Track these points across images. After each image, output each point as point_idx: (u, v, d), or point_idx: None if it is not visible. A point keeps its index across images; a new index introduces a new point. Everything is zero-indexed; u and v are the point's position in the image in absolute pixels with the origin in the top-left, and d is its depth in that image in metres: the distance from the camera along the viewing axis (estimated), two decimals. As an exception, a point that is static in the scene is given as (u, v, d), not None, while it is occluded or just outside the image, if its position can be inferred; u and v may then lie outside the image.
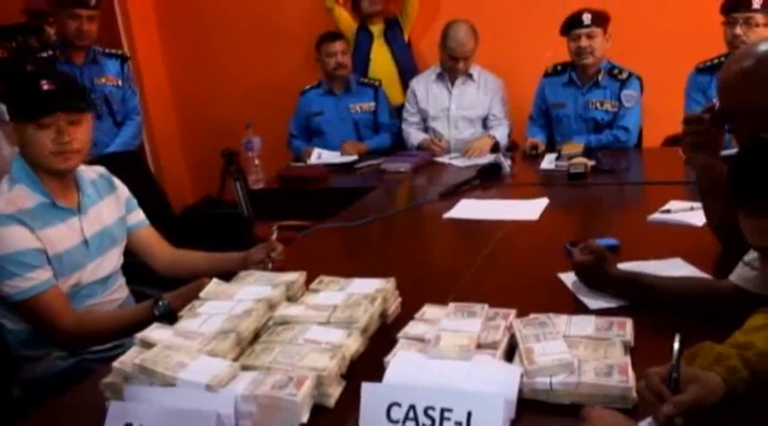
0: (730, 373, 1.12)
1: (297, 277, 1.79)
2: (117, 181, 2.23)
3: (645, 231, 2.29)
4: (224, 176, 3.63)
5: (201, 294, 1.73)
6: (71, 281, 1.98)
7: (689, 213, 2.36)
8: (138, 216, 2.27)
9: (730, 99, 1.62)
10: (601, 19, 3.69)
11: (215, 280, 1.80)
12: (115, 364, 1.38)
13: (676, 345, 1.11)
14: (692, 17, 4.01)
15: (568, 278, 1.85)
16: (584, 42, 3.69)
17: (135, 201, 2.27)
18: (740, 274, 1.51)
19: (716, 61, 3.56)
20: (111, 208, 2.16)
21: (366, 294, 1.66)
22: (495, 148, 3.92)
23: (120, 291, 2.18)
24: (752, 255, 1.47)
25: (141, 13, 5.46)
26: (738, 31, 3.32)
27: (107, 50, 4.10)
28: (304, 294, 1.75)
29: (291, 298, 1.73)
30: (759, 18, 3.30)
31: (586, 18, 3.66)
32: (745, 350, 1.16)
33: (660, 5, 4.43)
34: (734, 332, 1.24)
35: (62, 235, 1.96)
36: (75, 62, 3.90)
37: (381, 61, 4.81)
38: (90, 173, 2.14)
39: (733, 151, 1.55)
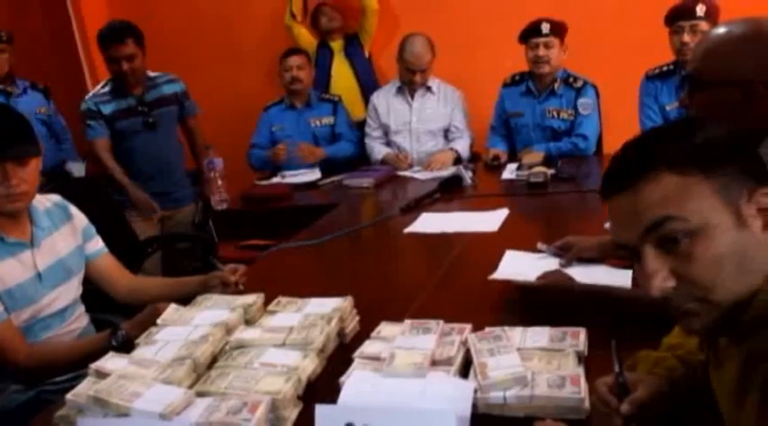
0: (670, 372, 1.18)
1: (254, 299, 1.79)
2: (73, 210, 2.17)
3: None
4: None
5: (159, 320, 1.72)
6: (24, 316, 1.93)
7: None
8: (97, 244, 2.21)
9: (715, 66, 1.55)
10: (559, 29, 3.74)
11: (172, 306, 1.80)
12: (68, 396, 1.37)
13: (614, 353, 1.17)
14: (643, 25, 4.06)
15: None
16: (541, 51, 3.73)
17: (93, 229, 2.21)
18: None
19: (664, 68, 3.65)
20: (66, 238, 2.10)
21: (323, 314, 1.66)
22: (458, 161, 3.95)
23: (78, 321, 2.13)
24: None
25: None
26: (686, 38, 3.40)
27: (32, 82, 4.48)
28: (262, 316, 1.75)
29: (249, 321, 1.74)
30: (703, 25, 3.37)
31: (545, 27, 3.71)
32: (677, 349, 1.22)
33: (613, 15, 4.50)
34: (662, 339, 1.28)
35: (12, 270, 1.91)
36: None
37: (342, 77, 4.82)
38: (44, 202, 2.08)
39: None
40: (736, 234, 0.91)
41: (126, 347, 1.71)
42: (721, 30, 1.55)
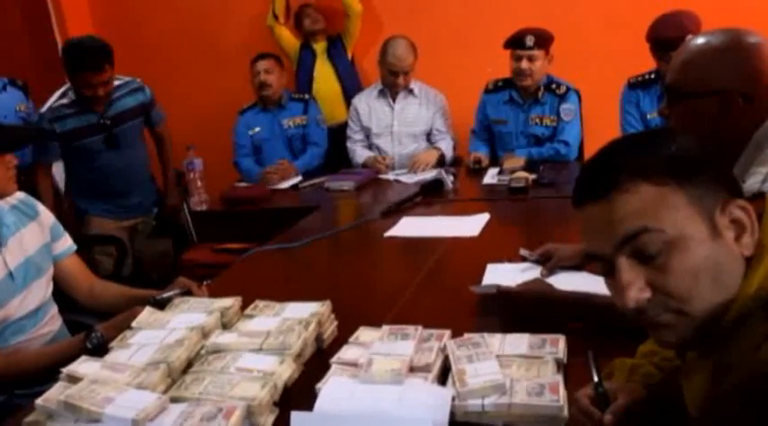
0: (646, 378, 1.19)
1: (232, 302, 1.77)
2: (40, 207, 2.12)
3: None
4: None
5: (134, 323, 1.70)
6: None
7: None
8: (65, 242, 2.17)
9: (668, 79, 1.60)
10: (543, 40, 3.72)
11: (148, 309, 1.77)
12: (38, 401, 1.34)
13: (592, 363, 1.16)
14: (627, 33, 4.07)
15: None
16: (524, 64, 3.73)
17: (60, 227, 2.17)
18: None
19: (646, 76, 3.66)
20: (34, 234, 2.05)
21: (300, 319, 1.64)
22: (441, 161, 3.94)
23: (51, 323, 2.08)
24: None
25: (80, 34, 5.38)
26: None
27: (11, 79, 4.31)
28: (239, 320, 1.73)
29: (226, 325, 1.72)
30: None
31: (529, 40, 3.69)
32: (653, 357, 1.22)
33: (596, 21, 4.52)
34: (638, 346, 1.27)
35: None
36: None
37: (325, 79, 4.80)
38: (9, 200, 2.03)
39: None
40: (712, 245, 0.90)
41: (101, 350, 1.68)
42: (699, 40, 1.55)
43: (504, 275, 2.03)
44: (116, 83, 3.49)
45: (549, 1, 4.55)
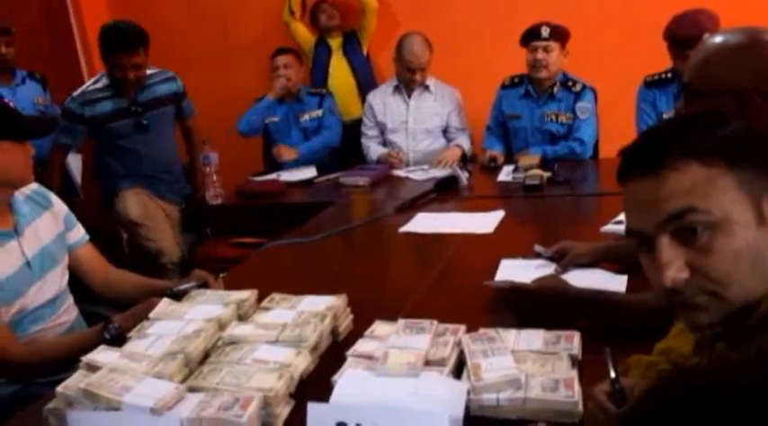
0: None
1: (248, 295, 1.78)
2: (53, 197, 2.15)
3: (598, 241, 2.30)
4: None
5: (151, 314, 1.71)
6: (14, 309, 1.90)
7: (641, 223, 2.40)
8: (79, 232, 2.19)
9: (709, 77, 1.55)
10: (559, 33, 3.72)
11: (165, 300, 1.79)
12: (59, 389, 1.36)
13: (609, 360, 1.15)
14: (642, 31, 4.05)
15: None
16: (540, 55, 3.72)
17: (73, 217, 2.19)
18: None
19: (663, 76, 3.63)
20: (48, 224, 2.07)
21: (316, 312, 1.66)
22: (463, 158, 3.95)
23: (68, 313, 2.11)
24: None
25: (97, 29, 5.41)
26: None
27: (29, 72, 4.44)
28: (255, 312, 1.75)
29: (242, 317, 1.73)
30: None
31: (545, 31, 3.69)
32: (670, 354, 1.20)
33: (611, 19, 4.50)
34: (655, 343, 1.27)
35: (2, 261, 1.89)
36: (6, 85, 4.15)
37: (340, 75, 4.81)
38: (23, 191, 2.05)
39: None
40: (756, 232, 0.90)
41: (119, 340, 1.70)
42: (717, 39, 1.55)
43: (518, 271, 2.03)
44: (149, 72, 3.61)
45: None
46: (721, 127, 0.94)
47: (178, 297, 1.87)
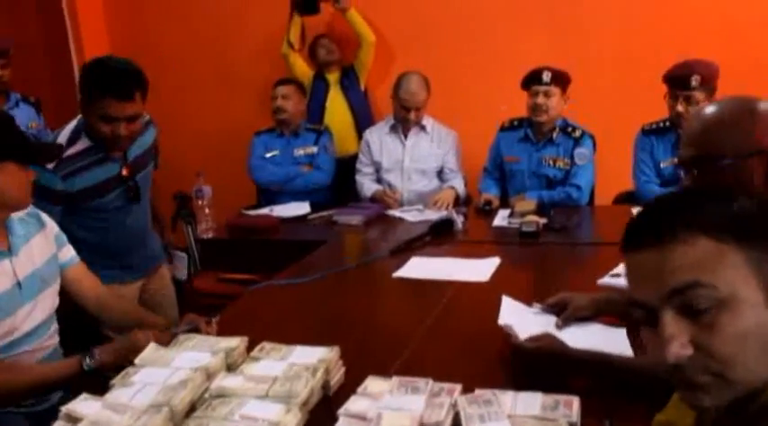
0: None
1: (237, 343, 1.74)
2: (45, 217, 2.12)
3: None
4: (175, 221, 3.53)
5: (137, 360, 1.66)
6: (3, 329, 1.86)
7: (638, 277, 2.38)
8: (69, 251, 2.17)
9: (684, 152, 1.63)
10: (560, 79, 3.72)
11: (152, 345, 1.74)
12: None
13: None
14: (641, 77, 4.07)
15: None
16: (540, 99, 3.71)
17: (64, 237, 2.16)
18: None
19: (661, 124, 3.65)
20: (41, 246, 2.04)
21: (308, 364, 1.61)
22: (457, 200, 3.93)
23: (53, 337, 2.07)
24: None
25: (97, 54, 5.39)
26: (680, 108, 3.42)
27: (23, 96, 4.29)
28: (245, 361, 1.70)
29: (231, 366, 1.68)
30: (698, 95, 3.37)
31: (546, 76, 3.69)
32: None
33: (611, 65, 4.51)
34: (655, 414, 1.23)
35: None
36: None
37: (337, 110, 4.80)
38: (18, 212, 2.01)
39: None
40: (764, 313, 0.87)
41: (96, 374, 1.68)
42: (712, 110, 1.59)
43: (518, 313, 2.03)
44: None
45: (565, 42, 4.56)
46: (731, 202, 0.91)
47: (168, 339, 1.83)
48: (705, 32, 4.26)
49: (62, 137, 2.49)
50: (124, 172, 2.61)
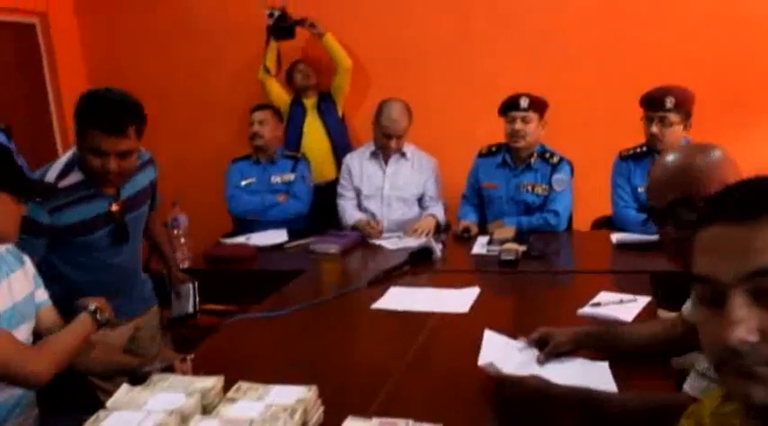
0: None
1: (213, 383, 1.69)
2: (24, 257, 2.07)
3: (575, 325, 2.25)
4: (151, 248, 3.47)
5: (108, 403, 1.61)
6: None
7: (618, 306, 2.39)
8: (44, 293, 2.12)
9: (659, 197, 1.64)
10: (538, 105, 3.73)
11: (124, 386, 1.69)
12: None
13: None
14: (618, 103, 4.10)
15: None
16: (518, 125, 3.71)
17: (41, 280, 2.12)
18: (696, 386, 1.47)
19: (638, 150, 3.68)
20: (21, 281, 2.00)
21: (285, 405, 1.57)
22: (437, 228, 3.91)
23: None
24: (704, 364, 1.45)
25: (72, 80, 5.37)
26: (654, 129, 3.46)
27: None
28: (221, 401, 1.65)
29: (207, 408, 1.63)
30: (672, 117, 3.42)
31: (524, 102, 3.70)
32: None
33: (588, 91, 4.54)
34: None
35: None
36: None
37: (314, 135, 4.79)
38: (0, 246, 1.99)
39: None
40: None
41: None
42: (667, 157, 1.65)
43: (501, 347, 2.00)
44: None
45: (543, 68, 4.60)
46: None
47: (141, 379, 1.78)
48: (681, 61, 4.31)
49: (54, 169, 2.42)
50: (113, 208, 2.52)
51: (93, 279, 2.53)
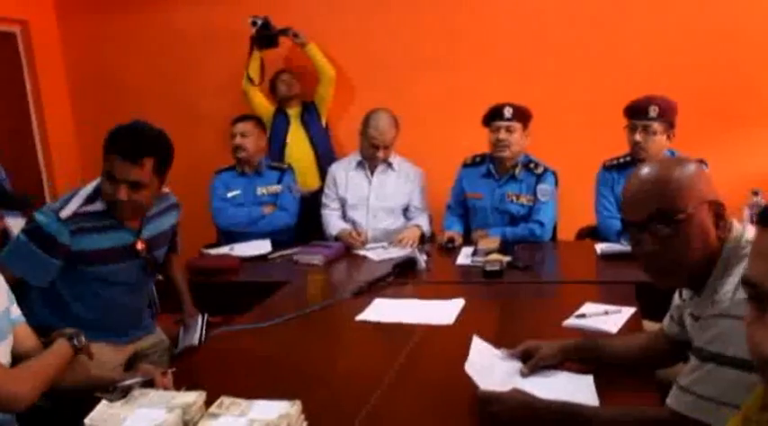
0: None
1: (195, 398, 1.66)
2: None
3: (561, 338, 2.23)
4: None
5: (87, 420, 1.58)
6: None
7: (603, 318, 2.38)
8: (18, 310, 2.05)
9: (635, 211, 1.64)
10: (522, 114, 3.74)
11: (104, 402, 1.66)
12: None
13: None
14: (602, 113, 4.11)
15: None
16: (502, 135, 3.71)
17: (13, 296, 2.05)
18: (683, 401, 1.46)
19: (621, 160, 3.69)
20: None
21: (268, 421, 1.54)
22: (422, 238, 3.90)
23: None
24: (688, 378, 1.44)
25: (53, 90, 5.32)
26: (638, 137, 3.47)
27: None
28: (203, 417, 1.62)
29: (188, 424, 1.60)
30: (656, 126, 3.44)
31: (507, 112, 3.70)
32: None
33: (573, 102, 4.55)
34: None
35: None
36: None
37: (298, 145, 4.77)
38: None
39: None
40: None
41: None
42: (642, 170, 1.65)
43: (487, 356, 1.99)
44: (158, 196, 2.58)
45: (527, 79, 4.60)
46: None
47: (121, 393, 1.75)
48: (665, 73, 4.33)
49: (81, 195, 2.41)
50: (139, 246, 2.51)
51: (99, 316, 2.50)
